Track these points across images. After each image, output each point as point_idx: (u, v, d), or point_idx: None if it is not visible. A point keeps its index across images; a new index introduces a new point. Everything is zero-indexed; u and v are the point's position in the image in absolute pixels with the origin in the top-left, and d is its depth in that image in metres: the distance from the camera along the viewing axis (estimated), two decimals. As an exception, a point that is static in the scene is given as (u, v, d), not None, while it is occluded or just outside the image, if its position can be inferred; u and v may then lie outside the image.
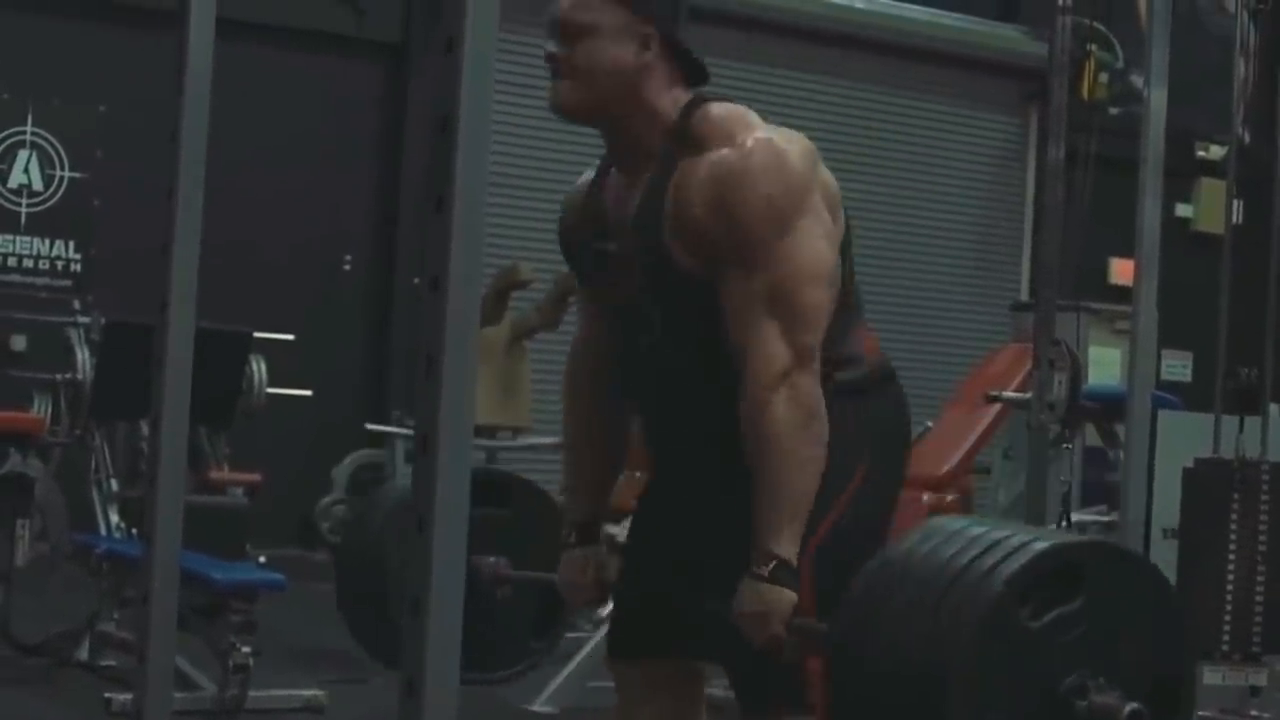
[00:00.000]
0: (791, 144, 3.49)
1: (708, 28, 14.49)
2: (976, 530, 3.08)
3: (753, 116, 3.54)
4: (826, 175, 3.57)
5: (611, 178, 3.68)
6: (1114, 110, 9.62)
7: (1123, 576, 3.07)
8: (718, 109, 3.54)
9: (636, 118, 3.55)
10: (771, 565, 3.37)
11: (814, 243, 3.45)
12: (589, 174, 3.79)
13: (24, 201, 12.39)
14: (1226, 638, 5.69)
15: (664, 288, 3.55)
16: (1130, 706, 2.93)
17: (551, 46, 3.54)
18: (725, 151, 3.45)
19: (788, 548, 3.38)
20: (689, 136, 3.51)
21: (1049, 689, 2.95)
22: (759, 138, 3.46)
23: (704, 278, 3.47)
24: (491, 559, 4.25)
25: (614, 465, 3.95)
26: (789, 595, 3.37)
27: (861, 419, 3.61)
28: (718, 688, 4.07)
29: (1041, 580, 2.95)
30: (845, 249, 3.64)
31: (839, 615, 3.18)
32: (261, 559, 8.94)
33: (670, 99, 3.55)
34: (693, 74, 3.62)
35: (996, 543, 2.99)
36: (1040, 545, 2.99)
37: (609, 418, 3.90)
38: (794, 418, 3.38)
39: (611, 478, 3.95)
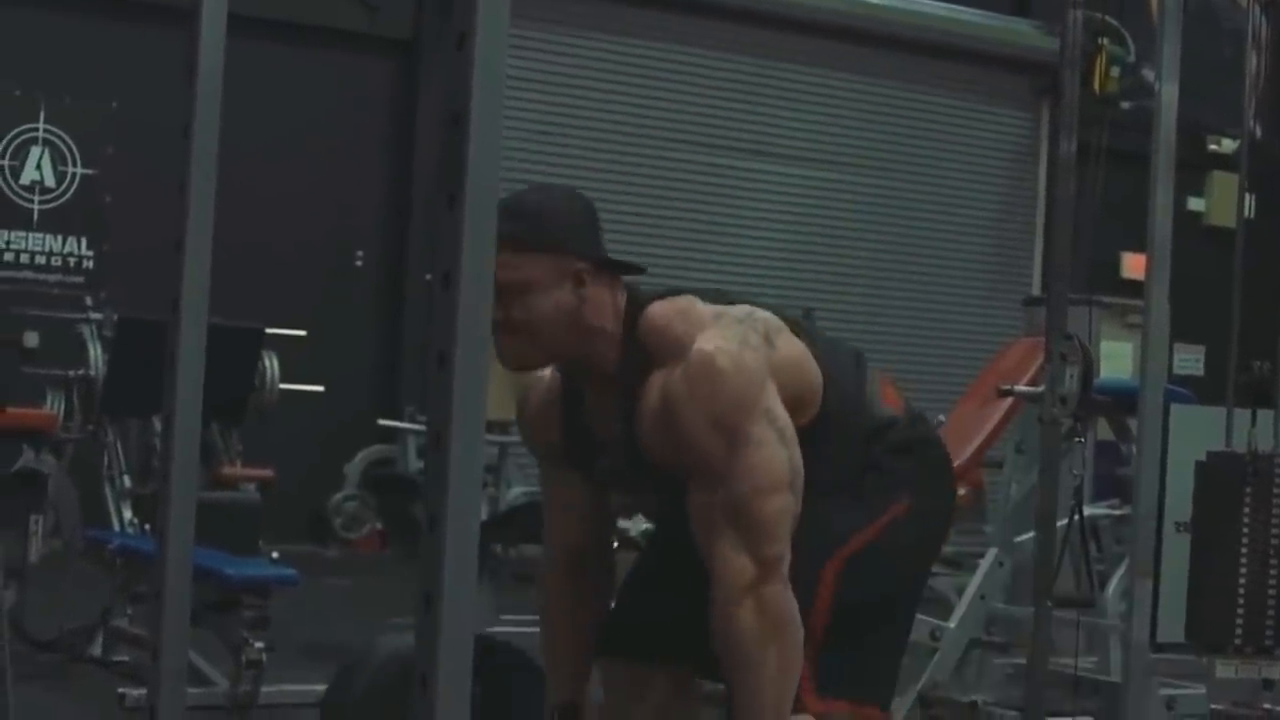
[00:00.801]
0: (741, 339, 3.47)
1: (723, 23, 14.51)
2: None
3: (693, 312, 3.53)
4: (787, 346, 3.57)
5: (585, 391, 3.70)
6: (1126, 104, 9.61)
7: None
8: (658, 315, 3.53)
9: (588, 346, 3.57)
10: None
11: (766, 451, 3.42)
12: (542, 382, 3.82)
13: (36, 198, 12.41)
14: (1239, 631, 5.68)
15: (666, 492, 3.59)
16: None
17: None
18: (671, 372, 3.44)
19: None
20: (639, 351, 3.51)
21: None
22: (698, 352, 3.43)
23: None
24: None
25: (595, 639, 3.97)
26: None
27: (907, 465, 3.63)
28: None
29: None
30: (831, 368, 3.64)
31: None
32: (274, 554, 8.94)
33: (613, 313, 3.57)
34: (621, 269, 3.63)
35: None
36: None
37: (591, 598, 3.95)
38: (760, 630, 3.38)
39: (592, 653, 3.96)
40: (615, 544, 4.06)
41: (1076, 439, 6.63)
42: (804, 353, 3.60)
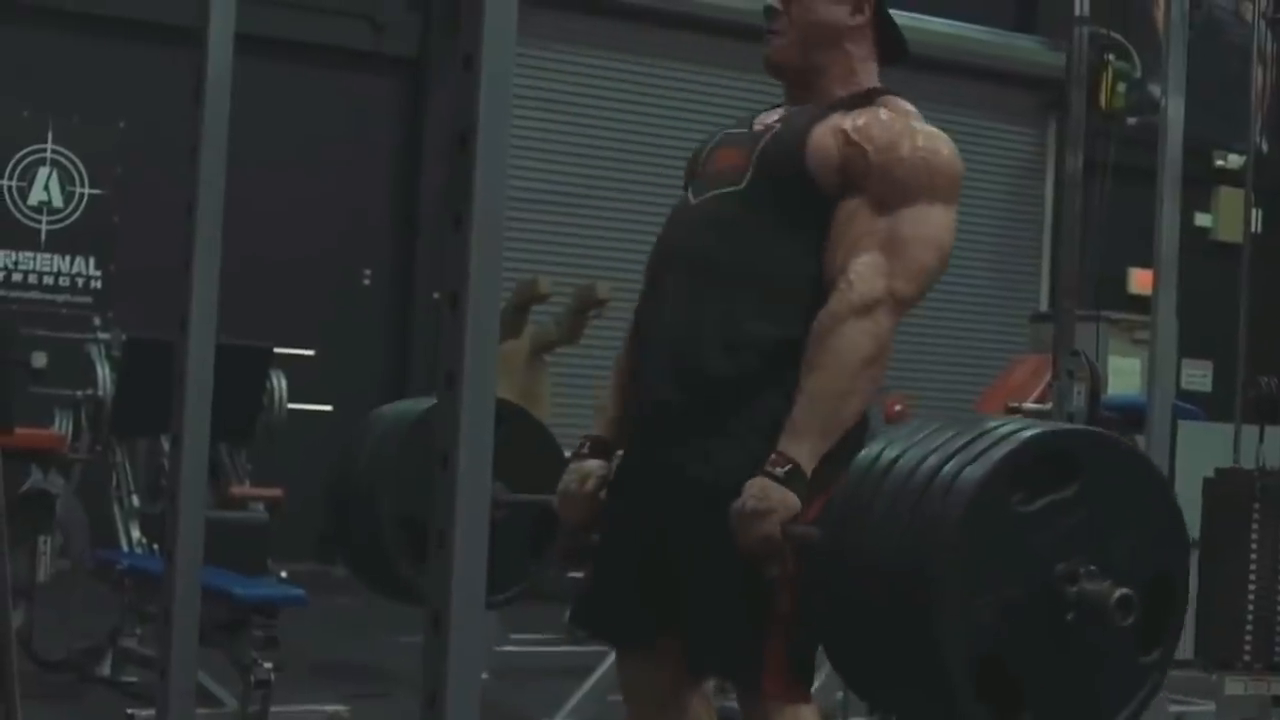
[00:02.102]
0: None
1: (732, 41, 14.51)
2: (966, 420, 3.07)
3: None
4: None
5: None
6: (1132, 120, 9.61)
7: (1119, 468, 3.03)
8: (901, 101, 3.68)
9: (835, 74, 3.71)
10: (787, 468, 3.39)
11: (946, 224, 3.57)
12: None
13: (44, 218, 12.43)
14: (1248, 648, 5.68)
15: (773, 170, 3.62)
16: (1120, 592, 2.89)
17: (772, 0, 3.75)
18: (913, 119, 3.60)
19: (807, 457, 3.40)
20: (870, 102, 3.65)
21: (1039, 575, 2.91)
22: (943, 135, 3.61)
23: (823, 193, 3.55)
24: None
25: None
26: (792, 499, 3.37)
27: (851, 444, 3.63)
28: (732, 700, 4.07)
29: (1033, 466, 2.92)
30: None
31: (828, 512, 3.15)
32: (282, 574, 8.95)
33: (866, 69, 3.74)
34: (893, 48, 3.78)
35: (986, 430, 2.97)
36: (1030, 432, 2.96)
37: None
38: (864, 346, 3.44)
39: None
40: None
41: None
42: None
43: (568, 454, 4.04)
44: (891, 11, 3.78)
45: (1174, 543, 3.09)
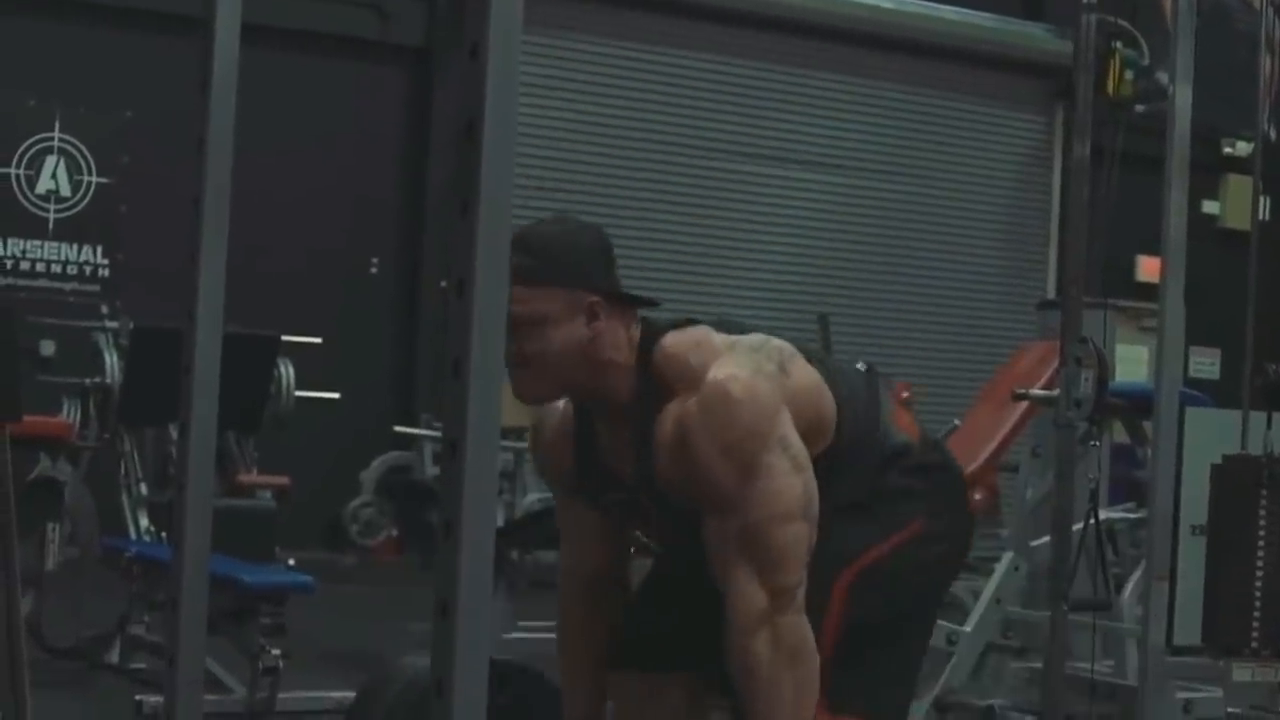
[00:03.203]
0: (754, 368, 3.47)
1: (736, 29, 14.52)
2: None
3: (708, 342, 3.53)
4: (800, 374, 3.57)
5: (596, 423, 3.69)
6: (1140, 107, 9.58)
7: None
8: (672, 346, 3.53)
9: (601, 379, 3.56)
10: None
11: (780, 480, 3.42)
12: (554, 415, 3.81)
13: (52, 207, 12.43)
14: (1255, 634, 5.67)
15: (680, 526, 3.59)
16: None
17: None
18: (686, 402, 3.44)
19: None
20: (653, 382, 3.51)
21: None
22: (712, 381, 3.43)
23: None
24: None
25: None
26: None
27: (923, 485, 3.64)
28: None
29: None
30: (844, 395, 3.64)
31: None
32: (290, 562, 8.96)
33: (627, 346, 3.56)
34: (635, 302, 3.62)
35: None
36: None
37: (605, 618, 3.94)
38: (775, 659, 3.39)
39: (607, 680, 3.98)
40: (631, 551, 4.06)
41: (1092, 443, 6.62)
42: (818, 381, 3.59)
43: None
44: (900, 1, 3.74)
45: None
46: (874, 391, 3.75)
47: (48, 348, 11.45)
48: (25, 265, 12.36)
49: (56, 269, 12.43)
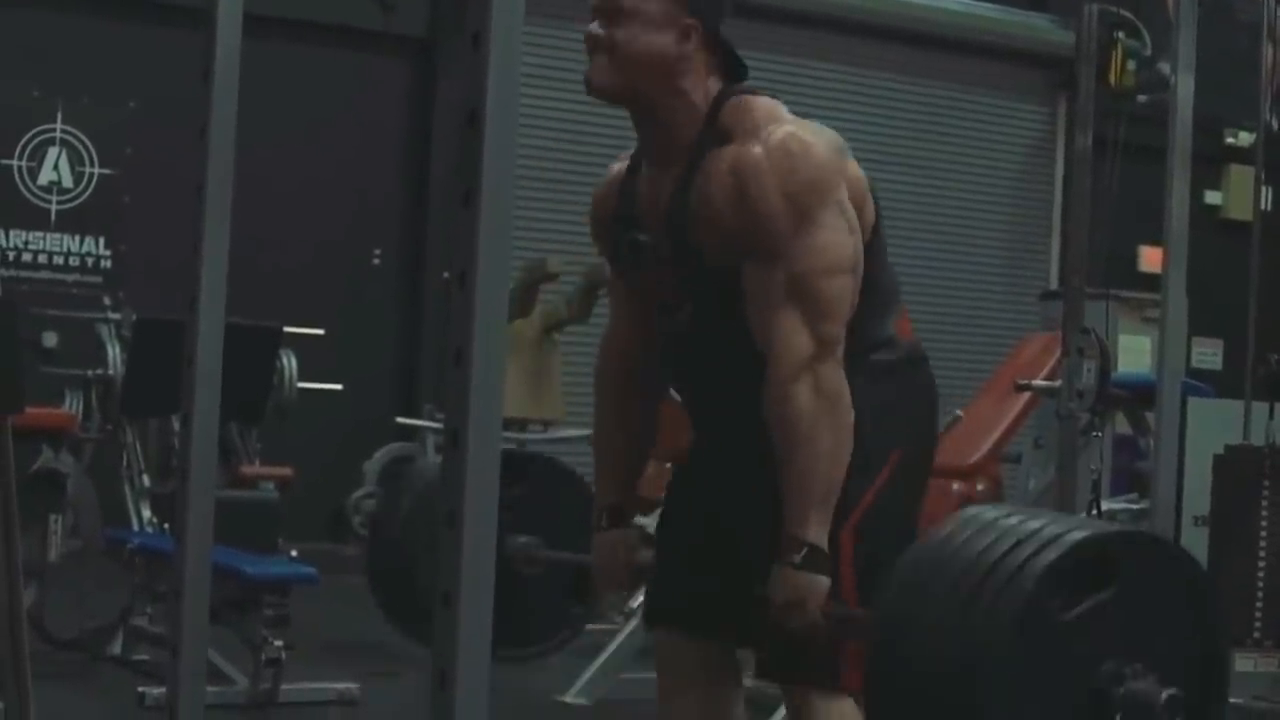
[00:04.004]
0: (816, 137, 3.52)
1: (738, 20, 14.51)
2: (1011, 521, 3.08)
3: (781, 110, 3.58)
4: (853, 168, 3.61)
5: (644, 170, 3.71)
6: (1142, 98, 9.58)
7: (1156, 564, 3.08)
8: (746, 101, 3.58)
9: (669, 106, 3.60)
10: (803, 552, 3.40)
11: (835, 234, 3.47)
12: (619, 165, 3.83)
13: (54, 198, 12.43)
14: (1258, 625, 5.68)
15: (696, 281, 3.59)
16: (1167, 692, 2.93)
17: (594, 27, 3.66)
18: (748, 145, 3.48)
19: (817, 534, 3.40)
20: (718, 129, 3.55)
21: (1085, 678, 2.95)
22: (785, 130, 3.49)
23: (732, 271, 3.51)
24: (522, 539, 4.27)
25: (643, 451, 3.99)
26: (823, 581, 3.39)
27: (894, 402, 3.64)
28: (747, 678, 4.07)
29: (1075, 571, 2.96)
30: (876, 236, 3.66)
31: (877, 605, 3.20)
32: (293, 553, 8.96)
33: (704, 92, 3.59)
34: (731, 69, 3.66)
35: (1031, 534, 3.00)
36: (1074, 536, 3.00)
37: (639, 406, 3.94)
38: (817, 406, 3.41)
39: (641, 463, 3.99)
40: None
41: (1094, 433, 6.63)
42: (866, 180, 3.65)
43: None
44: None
45: (1211, 632, 3.11)
46: (895, 285, 3.78)
47: (50, 339, 11.44)
48: (27, 257, 12.36)
49: (59, 260, 12.43)
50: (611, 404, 3.93)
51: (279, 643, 6.58)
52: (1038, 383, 7.42)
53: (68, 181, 12.46)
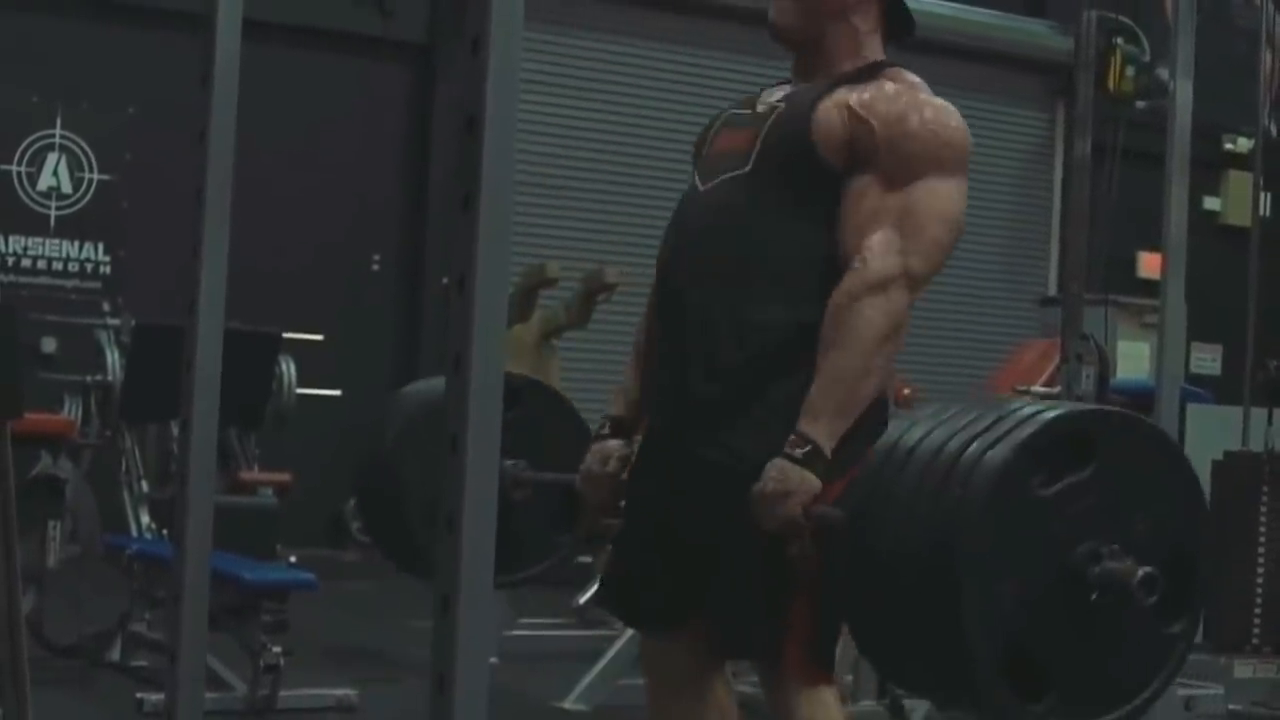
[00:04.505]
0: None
1: (737, 25, 14.51)
2: (986, 403, 3.09)
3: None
4: None
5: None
6: (1141, 104, 9.59)
7: (1135, 445, 3.07)
8: (908, 73, 3.68)
9: (839, 47, 3.71)
10: (806, 449, 3.39)
11: (957, 194, 3.56)
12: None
13: (53, 204, 12.44)
14: (1257, 631, 5.69)
15: (782, 159, 3.60)
16: (1143, 571, 2.92)
17: None
18: (919, 91, 3.61)
19: (825, 437, 3.40)
20: (875, 76, 3.64)
21: (1061, 557, 2.94)
22: (946, 102, 3.63)
23: (831, 171, 3.54)
24: (509, 462, 4.29)
25: None
26: (813, 480, 3.37)
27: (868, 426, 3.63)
28: (746, 685, 4.07)
29: (1052, 448, 2.96)
30: None
31: (849, 493, 3.18)
32: (292, 559, 8.97)
33: (872, 43, 3.73)
34: (899, 25, 3.79)
35: (1007, 413, 2.99)
36: (1050, 414, 2.99)
37: None
38: (881, 323, 3.44)
39: None
40: None
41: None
42: None
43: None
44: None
45: (1193, 514, 3.12)
46: None
47: (49, 345, 11.45)
48: (27, 262, 12.36)
49: (58, 266, 12.44)
50: (648, 337, 3.86)
51: (277, 649, 6.58)
52: (1037, 388, 7.41)
53: (67, 187, 12.47)
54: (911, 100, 3.57)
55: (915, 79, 3.65)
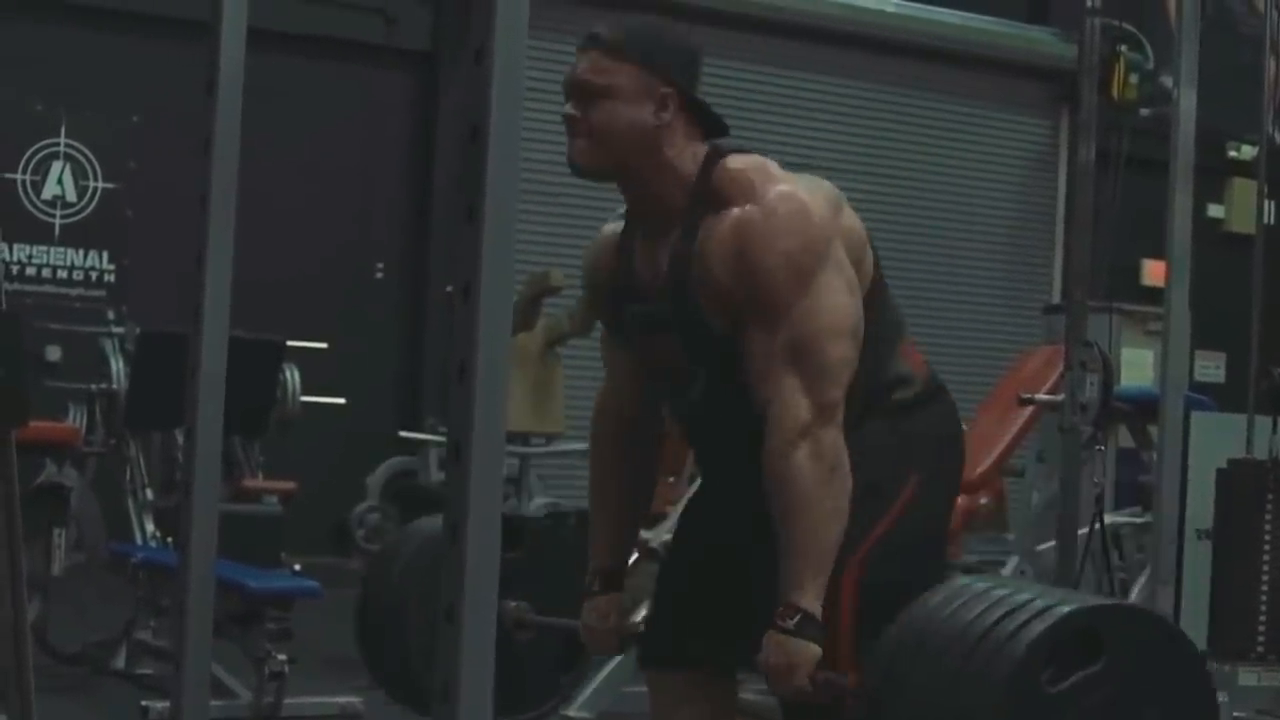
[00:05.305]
0: (813, 195, 3.50)
1: (738, 33, 14.52)
2: (1001, 593, 3.10)
3: (773, 167, 3.56)
4: (850, 219, 3.59)
5: (639, 237, 3.68)
6: (1145, 111, 9.59)
7: (1146, 639, 3.08)
8: (737, 162, 3.54)
9: (656, 177, 3.56)
10: (796, 618, 3.39)
11: (835, 297, 3.45)
12: (611, 228, 3.79)
13: (58, 212, 12.44)
14: (1261, 639, 5.68)
15: (702, 349, 3.57)
16: None
17: (569, 108, 3.55)
18: (746, 208, 3.45)
19: (811, 601, 3.39)
20: (710, 193, 3.51)
21: None
22: (779, 191, 3.47)
23: (736, 338, 3.50)
24: (513, 604, 4.26)
25: (640, 512, 3.99)
26: (813, 649, 3.38)
27: (915, 432, 3.63)
28: (750, 692, 4.07)
29: (1064, 644, 2.98)
30: (876, 284, 3.66)
31: (866, 670, 3.21)
32: (296, 567, 8.96)
33: (690, 155, 3.56)
34: (710, 127, 3.63)
35: (1020, 606, 3.01)
36: (1063, 610, 3.01)
37: (636, 466, 3.93)
38: (816, 471, 3.39)
39: (636, 524, 4.00)
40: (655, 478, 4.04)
41: (1097, 447, 6.63)
42: (863, 230, 3.63)
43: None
44: (904, 2, 3.74)
45: (1204, 706, 3.14)
46: (901, 320, 3.77)
47: (54, 353, 11.44)
48: (31, 270, 12.36)
49: (63, 274, 12.43)
50: (609, 467, 3.90)
51: (282, 656, 6.58)
52: (1041, 396, 7.42)
53: (71, 195, 12.47)
54: (740, 227, 3.44)
55: (743, 165, 3.53)
